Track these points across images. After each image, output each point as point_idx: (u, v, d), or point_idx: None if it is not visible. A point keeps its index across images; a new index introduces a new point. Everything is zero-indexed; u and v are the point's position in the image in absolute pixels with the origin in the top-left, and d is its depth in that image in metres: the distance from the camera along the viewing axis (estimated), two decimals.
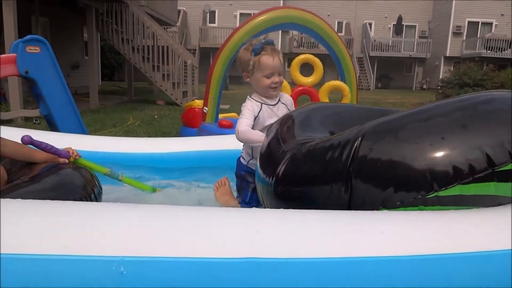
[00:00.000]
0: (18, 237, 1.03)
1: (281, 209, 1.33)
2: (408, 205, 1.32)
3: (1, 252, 0.98)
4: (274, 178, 1.62)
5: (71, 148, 2.09)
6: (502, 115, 1.33)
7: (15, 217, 1.11)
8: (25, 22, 9.91)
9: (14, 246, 1.00)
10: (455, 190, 1.28)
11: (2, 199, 1.22)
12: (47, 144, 1.98)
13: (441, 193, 1.29)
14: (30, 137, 1.93)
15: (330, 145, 1.52)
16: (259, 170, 1.80)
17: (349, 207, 1.40)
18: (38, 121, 6.94)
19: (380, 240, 1.18)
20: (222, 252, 1.04)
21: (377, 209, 1.35)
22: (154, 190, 2.42)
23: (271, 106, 2.04)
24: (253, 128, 2.03)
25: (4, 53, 6.34)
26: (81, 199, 1.67)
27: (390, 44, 27.77)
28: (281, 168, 1.59)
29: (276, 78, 1.96)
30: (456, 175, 1.27)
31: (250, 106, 2.02)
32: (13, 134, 2.32)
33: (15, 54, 3.89)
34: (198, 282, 1.02)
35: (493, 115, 1.35)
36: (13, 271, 0.97)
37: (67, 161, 2.02)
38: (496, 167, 1.26)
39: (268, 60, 1.92)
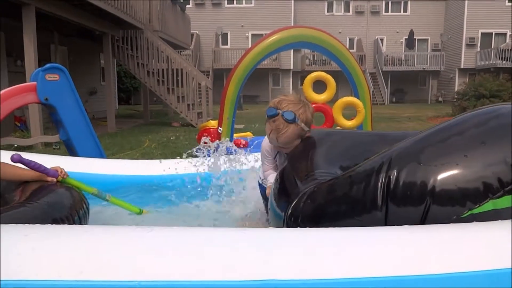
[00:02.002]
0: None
1: (298, 229, 1.32)
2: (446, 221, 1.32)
3: (14, 278, 0.99)
4: (291, 216, 1.62)
5: (59, 167, 2.11)
6: None
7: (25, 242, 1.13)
8: (44, 51, 10.28)
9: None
10: (488, 206, 1.28)
11: (11, 224, 1.24)
12: (35, 162, 2.00)
13: (475, 211, 1.29)
14: (20, 156, 1.96)
15: (353, 179, 1.54)
16: (274, 203, 1.83)
17: None
18: (58, 147, 7.11)
19: (400, 259, 1.16)
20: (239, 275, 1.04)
21: None
22: (141, 211, 2.38)
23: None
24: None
25: (25, 81, 6.56)
26: (67, 219, 1.70)
27: (402, 58, 27.73)
28: (298, 205, 1.60)
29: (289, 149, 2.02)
30: (487, 190, 1.28)
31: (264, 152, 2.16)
32: (35, 159, 2.39)
33: (35, 82, 4.02)
34: None
35: (506, 128, 1.36)
36: None
37: (55, 180, 2.03)
38: None
39: (269, 125, 2.03)
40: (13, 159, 1.93)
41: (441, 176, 1.34)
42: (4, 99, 3.83)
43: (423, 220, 1.35)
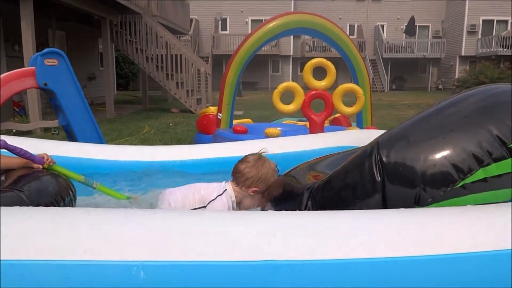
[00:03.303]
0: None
1: (300, 212, 1.34)
2: (440, 199, 1.37)
3: (20, 258, 1.00)
4: None
5: (46, 154, 2.09)
6: (500, 99, 1.45)
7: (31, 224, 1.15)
8: (42, 36, 10.18)
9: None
10: (479, 175, 1.34)
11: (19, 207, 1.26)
12: (21, 149, 1.99)
13: (467, 181, 1.35)
14: (5, 142, 1.94)
15: (348, 167, 1.61)
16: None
17: None
18: (57, 132, 7.10)
19: (398, 240, 1.18)
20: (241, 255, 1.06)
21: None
22: (128, 198, 2.37)
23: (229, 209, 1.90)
24: None
25: (23, 66, 6.52)
26: (53, 205, 1.71)
27: (403, 45, 27.52)
28: (302, 204, 1.67)
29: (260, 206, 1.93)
30: (476, 161, 1.34)
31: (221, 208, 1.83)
32: (33, 145, 2.39)
33: (34, 67, 4.00)
34: (217, 286, 1.03)
35: (491, 100, 1.46)
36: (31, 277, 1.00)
37: (41, 167, 2.02)
38: (507, 144, 1.34)
39: (278, 189, 1.88)
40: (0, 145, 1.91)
41: (431, 150, 1.42)
42: (3, 84, 3.81)
43: (419, 193, 1.40)
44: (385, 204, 1.49)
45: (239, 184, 1.82)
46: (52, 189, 1.83)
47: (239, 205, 1.88)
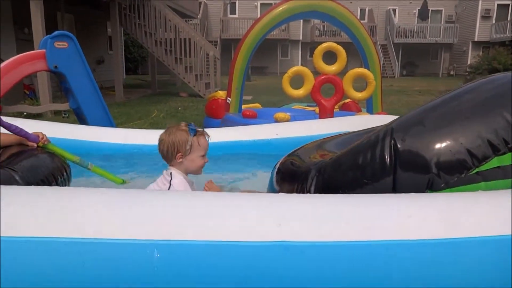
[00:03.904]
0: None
1: (309, 195, 1.34)
2: (453, 185, 1.37)
3: (37, 235, 1.02)
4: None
5: (41, 133, 2.09)
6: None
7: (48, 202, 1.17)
8: (51, 19, 10.17)
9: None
10: (494, 163, 1.34)
11: (39, 186, 1.28)
12: (16, 126, 2.00)
13: (482, 168, 1.35)
14: (0, 118, 1.95)
15: (360, 148, 1.60)
16: (276, 187, 1.89)
17: None
18: (67, 115, 7.15)
19: (407, 223, 1.18)
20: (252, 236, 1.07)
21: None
22: (123, 182, 2.37)
23: (189, 182, 1.99)
24: None
25: (33, 49, 6.53)
26: (44, 184, 1.72)
27: (415, 30, 27.03)
28: (311, 184, 1.66)
29: (206, 159, 1.97)
30: (491, 148, 1.34)
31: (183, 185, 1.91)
32: (43, 127, 2.41)
33: (44, 50, 4.01)
34: (228, 265, 1.04)
35: (508, 88, 1.44)
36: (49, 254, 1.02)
37: (35, 145, 2.02)
38: None
39: (205, 141, 1.93)
40: None
41: (446, 136, 1.41)
42: (14, 66, 3.84)
43: (432, 178, 1.40)
44: (395, 187, 1.49)
45: (170, 161, 1.91)
46: (45, 168, 1.83)
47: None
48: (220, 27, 25.75)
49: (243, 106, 5.35)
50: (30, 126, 2.22)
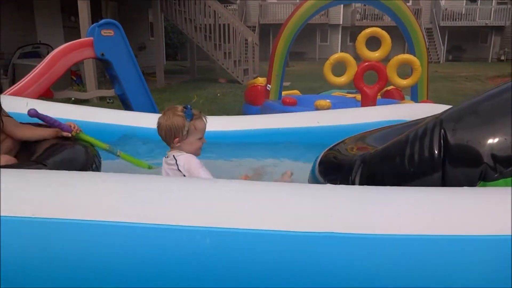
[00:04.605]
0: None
1: (359, 186, 1.33)
2: (508, 175, 1.32)
3: (89, 218, 1.07)
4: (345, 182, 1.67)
5: (72, 123, 2.16)
6: None
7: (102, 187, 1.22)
8: (96, 7, 10.48)
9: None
10: None
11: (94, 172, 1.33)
12: (51, 118, 2.07)
13: None
14: (36, 111, 2.02)
15: (406, 140, 1.55)
16: (320, 178, 1.87)
17: None
18: (112, 101, 7.40)
19: (457, 218, 1.14)
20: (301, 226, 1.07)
21: (475, 185, 1.37)
22: (150, 167, 2.39)
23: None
24: None
25: (79, 36, 6.77)
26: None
27: (463, 12, 25.64)
28: (356, 174, 1.64)
29: (204, 140, 2.00)
30: None
31: (196, 161, 1.95)
32: (88, 113, 2.51)
33: (91, 38, 4.15)
34: (278, 254, 1.06)
35: None
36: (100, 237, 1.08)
37: (69, 134, 2.09)
38: None
39: (202, 124, 1.95)
40: (30, 113, 2.00)
41: (502, 126, 1.35)
42: (65, 54, 4.00)
43: (485, 168, 1.36)
44: (444, 180, 1.45)
45: (170, 144, 1.96)
46: (76, 161, 1.91)
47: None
48: (258, 12, 25.55)
49: (283, 93, 5.32)
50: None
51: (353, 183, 1.65)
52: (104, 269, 1.05)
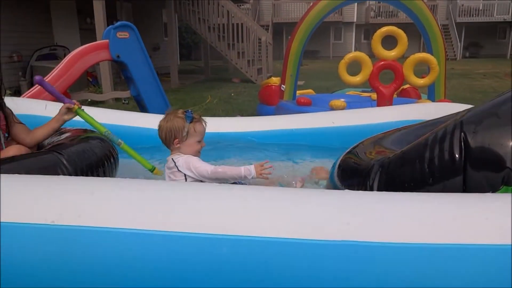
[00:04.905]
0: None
1: (376, 192, 1.30)
2: None
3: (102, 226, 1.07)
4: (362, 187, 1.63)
5: (75, 101, 2.17)
6: None
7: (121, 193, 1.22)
8: (111, 8, 10.59)
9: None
10: None
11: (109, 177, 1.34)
12: (54, 89, 2.14)
13: None
14: (41, 78, 2.12)
15: (427, 142, 1.52)
16: (337, 182, 1.84)
17: None
18: (127, 102, 7.48)
19: (483, 226, 1.11)
20: (318, 234, 1.06)
21: (498, 189, 1.33)
22: (152, 168, 2.20)
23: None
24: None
25: (95, 38, 6.85)
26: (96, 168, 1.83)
27: (480, 8, 25.15)
28: (374, 179, 1.61)
29: (204, 143, 2.05)
30: None
31: (195, 158, 2.00)
32: (103, 114, 2.52)
33: (107, 40, 4.19)
34: (296, 262, 1.04)
35: None
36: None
37: (72, 106, 2.10)
38: None
39: (201, 127, 2.01)
40: (36, 80, 2.11)
41: None
42: (81, 56, 4.05)
43: (508, 173, 1.32)
44: (466, 184, 1.41)
45: (170, 146, 2.01)
46: (93, 153, 1.91)
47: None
48: (271, 11, 25.50)
49: (297, 93, 5.28)
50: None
51: (371, 189, 1.62)
52: (125, 277, 1.06)
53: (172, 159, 1.98)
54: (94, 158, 1.90)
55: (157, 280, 1.06)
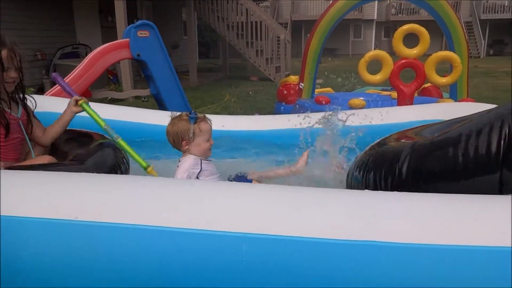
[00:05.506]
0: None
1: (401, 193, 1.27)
2: None
3: (132, 223, 1.09)
4: (395, 177, 1.55)
5: (81, 96, 2.25)
6: None
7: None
8: (131, 7, 10.74)
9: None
10: None
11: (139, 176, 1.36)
12: (66, 85, 2.29)
13: None
14: (57, 74, 2.31)
15: (463, 131, 1.40)
16: (359, 176, 1.79)
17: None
18: (146, 99, 7.58)
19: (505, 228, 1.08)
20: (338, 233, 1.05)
21: None
22: (147, 166, 2.14)
23: (207, 161, 2.12)
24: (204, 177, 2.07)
25: (116, 36, 6.95)
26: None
27: (506, 4, 24.45)
28: (404, 162, 1.52)
29: (212, 141, 2.09)
30: None
31: (189, 164, 2.03)
32: (122, 112, 2.54)
33: (128, 39, 4.25)
34: (316, 262, 1.04)
35: None
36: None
37: (78, 98, 2.17)
38: None
39: (206, 125, 2.06)
40: (53, 76, 2.33)
41: None
42: (102, 55, 4.12)
43: None
44: (502, 183, 1.31)
45: (180, 149, 2.07)
46: (110, 161, 2.00)
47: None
48: (290, 8, 25.38)
49: (316, 91, 5.25)
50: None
51: (400, 172, 1.54)
52: (148, 272, 1.08)
53: (179, 159, 2.08)
54: (109, 167, 1.96)
55: (177, 277, 1.07)
